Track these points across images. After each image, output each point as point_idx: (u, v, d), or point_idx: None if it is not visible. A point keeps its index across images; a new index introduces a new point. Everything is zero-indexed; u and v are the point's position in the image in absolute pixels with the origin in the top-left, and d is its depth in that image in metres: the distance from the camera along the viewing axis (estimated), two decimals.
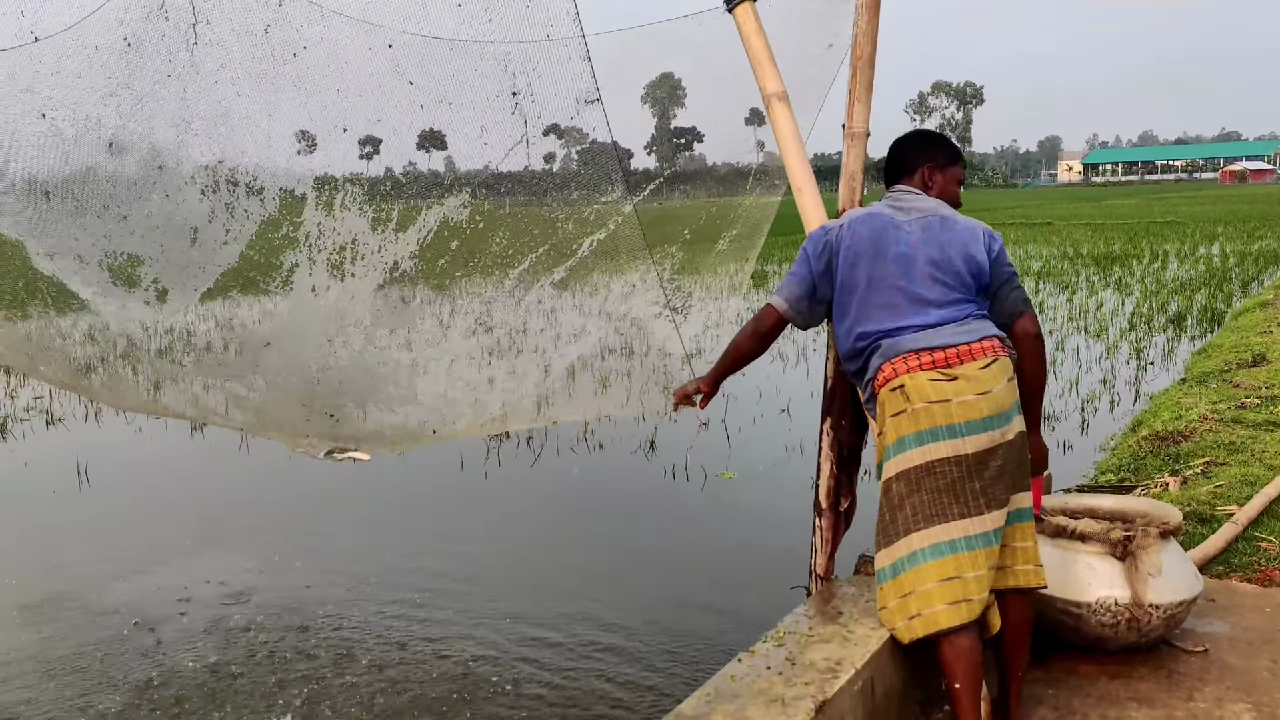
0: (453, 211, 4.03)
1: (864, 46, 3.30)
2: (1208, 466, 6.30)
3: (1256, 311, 13.34)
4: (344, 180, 4.11)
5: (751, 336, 3.35)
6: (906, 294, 3.06)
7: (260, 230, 3.97)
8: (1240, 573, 4.52)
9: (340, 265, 4.08)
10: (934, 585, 2.93)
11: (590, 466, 8.20)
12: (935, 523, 2.96)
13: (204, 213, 4.04)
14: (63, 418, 10.25)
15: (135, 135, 3.99)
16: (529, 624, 5.28)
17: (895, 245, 3.10)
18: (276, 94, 3.85)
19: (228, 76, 3.81)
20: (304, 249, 4.02)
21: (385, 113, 3.95)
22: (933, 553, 2.95)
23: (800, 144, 3.48)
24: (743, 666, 2.84)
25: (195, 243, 4.12)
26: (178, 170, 4.06)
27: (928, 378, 2.97)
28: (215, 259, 4.13)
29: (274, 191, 3.95)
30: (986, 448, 2.97)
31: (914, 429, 2.98)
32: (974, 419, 2.95)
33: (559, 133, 5.12)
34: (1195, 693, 3.33)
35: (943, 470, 2.96)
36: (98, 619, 5.45)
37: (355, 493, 7.79)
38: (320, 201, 3.98)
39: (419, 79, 3.82)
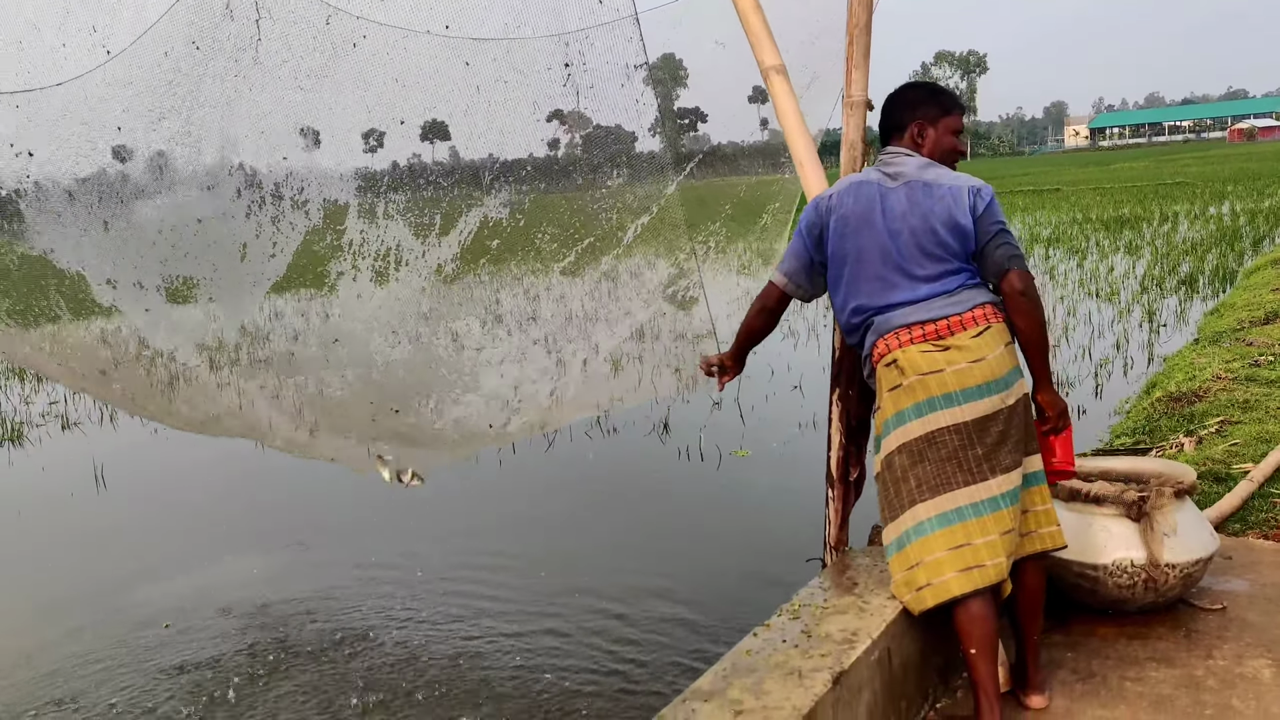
0: (495, 210, 4.06)
1: (860, 14, 3.28)
2: (1222, 425, 6.27)
3: (1268, 269, 13.26)
4: (390, 174, 4.15)
5: (760, 313, 3.36)
6: (895, 268, 3.03)
7: (322, 224, 3.99)
8: (1257, 529, 4.51)
9: (390, 262, 4.12)
10: (943, 554, 2.93)
11: (605, 450, 8.22)
12: (940, 492, 2.95)
13: (251, 229, 4.06)
14: (79, 421, 10.31)
15: (182, 152, 4.02)
16: (547, 605, 5.32)
17: (883, 216, 3.06)
18: (335, 90, 3.87)
19: (289, 72, 3.82)
20: (353, 250, 4.06)
21: (439, 102, 3.96)
22: (940, 522, 2.94)
23: (800, 118, 3.47)
24: (758, 640, 2.84)
25: (244, 259, 4.15)
26: (228, 182, 4.09)
27: (919, 350, 2.96)
28: (265, 271, 4.16)
29: (318, 193, 3.98)
30: (986, 414, 2.95)
31: (912, 401, 2.98)
32: (970, 386, 2.94)
33: (561, 118, 5.11)
34: (1214, 650, 3.32)
35: (944, 440, 2.95)
36: (129, 623, 5.45)
37: (372, 488, 7.81)
38: (377, 198, 4.03)
39: (474, 60, 3.83)
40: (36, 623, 5.56)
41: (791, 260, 3.25)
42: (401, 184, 4.14)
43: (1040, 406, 3.10)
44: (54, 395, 11.64)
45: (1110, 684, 3.17)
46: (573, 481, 7.62)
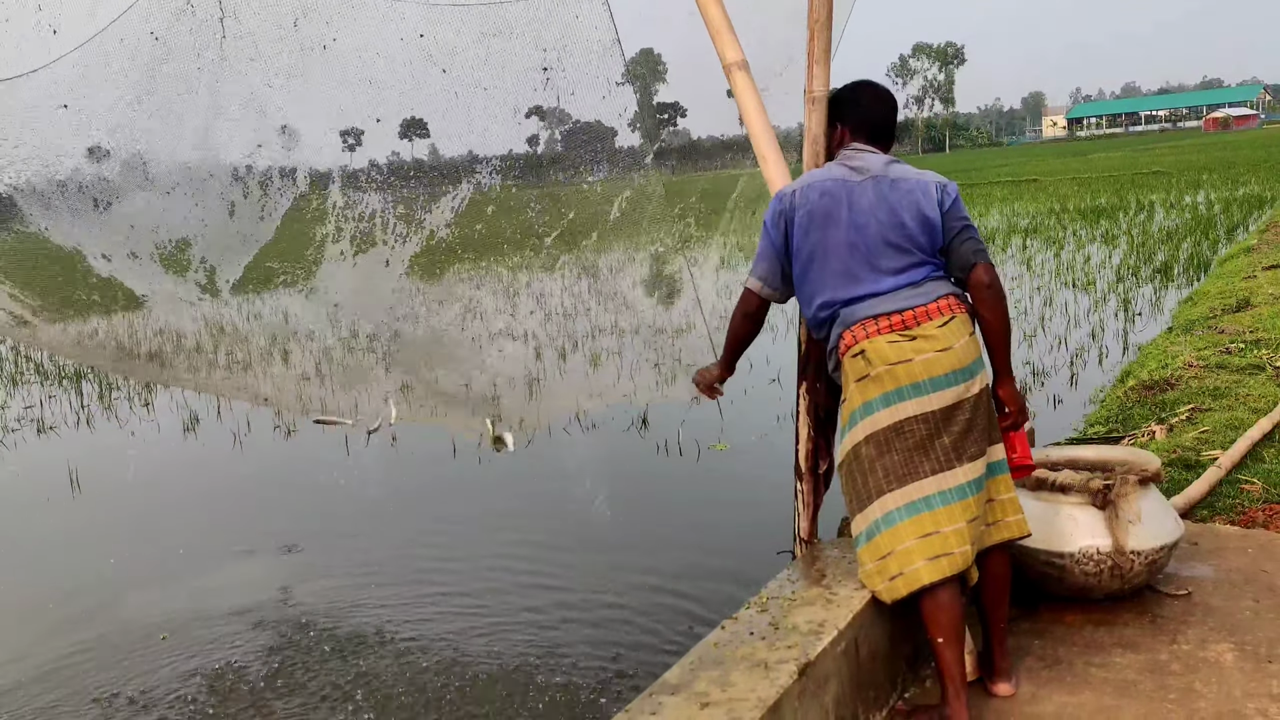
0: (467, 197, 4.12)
1: (820, 10, 3.29)
2: (1193, 413, 6.33)
3: (1241, 257, 13.37)
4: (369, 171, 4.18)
5: (743, 320, 3.38)
6: (861, 261, 3.05)
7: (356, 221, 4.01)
8: (1225, 515, 4.56)
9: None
10: (913, 543, 2.95)
11: (584, 446, 8.23)
12: (908, 481, 2.98)
13: (239, 194, 4.09)
14: (54, 425, 10.25)
15: (161, 134, 4.02)
16: (525, 599, 5.33)
17: (849, 210, 3.08)
18: (306, 88, 3.87)
19: (259, 70, 3.83)
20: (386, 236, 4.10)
21: (419, 103, 3.97)
22: (908, 511, 2.97)
23: (763, 113, 3.48)
24: (726, 633, 2.86)
25: (233, 216, 4.17)
26: (212, 161, 4.11)
27: (886, 340, 2.98)
28: (255, 234, 4.17)
29: (304, 175, 4.01)
30: (952, 403, 2.98)
31: (880, 391, 3.00)
32: (938, 375, 2.96)
33: (541, 114, 5.12)
34: (1179, 635, 3.36)
35: (911, 429, 2.97)
36: (125, 636, 5.32)
37: (352, 484, 7.82)
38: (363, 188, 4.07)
39: (452, 67, 3.84)
40: (26, 638, 5.44)
41: (763, 264, 3.25)
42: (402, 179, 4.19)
43: (1000, 400, 3.12)
44: (29, 400, 11.57)
45: (1076, 670, 3.21)
46: (552, 477, 7.63)
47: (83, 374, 12.74)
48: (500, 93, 4.02)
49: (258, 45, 3.82)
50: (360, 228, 4.15)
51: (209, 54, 3.73)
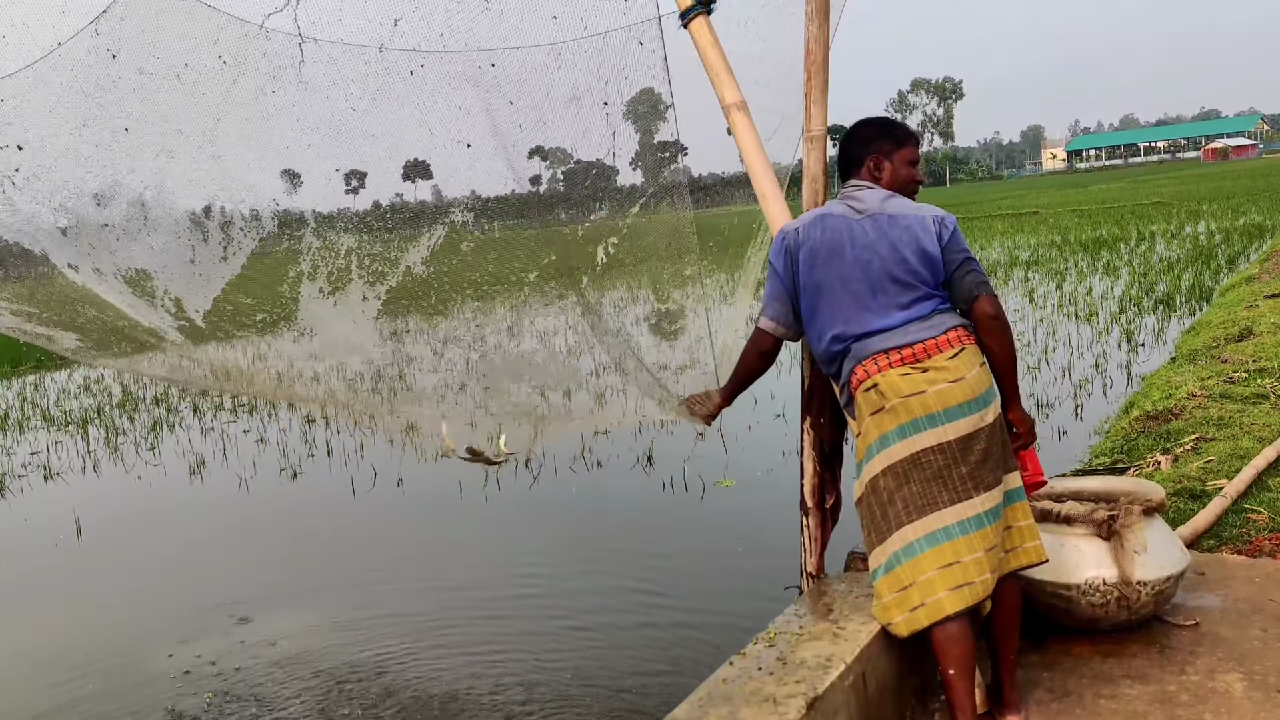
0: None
1: (816, 51, 3.36)
2: (1197, 443, 6.33)
3: (1243, 286, 13.40)
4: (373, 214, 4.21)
5: (756, 359, 3.41)
6: (869, 296, 3.10)
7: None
8: (1231, 545, 4.56)
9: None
10: (935, 573, 2.96)
11: (590, 484, 8.23)
12: (927, 512, 2.99)
13: (215, 234, 4.08)
14: (61, 471, 10.28)
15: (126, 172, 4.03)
16: (529, 635, 5.34)
17: (852, 246, 3.13)
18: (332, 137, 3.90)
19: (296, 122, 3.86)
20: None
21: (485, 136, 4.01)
22: (929, 542, 2.98)
23: (762, 152, 3.53)
24: (734, 669, 2.87)
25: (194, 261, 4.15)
26: (170, 202, 4.10)
27: (899, 373, 3.02)
28: (219, 272, 4.15)
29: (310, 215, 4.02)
30: (968, 433, 3.01)
31: (896, 424, 3.02)
32: (952, 405, 3.00)
33: (543, 154, 5.20)
34: (1188, 666, 3.36)
35: (929, 460, 3.00)
36: (137, 682, 5.29)
37: (356, 525, 7.82)
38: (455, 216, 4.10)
39: (517, 98, 3.88)
40: (38, 695, 5.34)
41: (775, 303, 3.29)
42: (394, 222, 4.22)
43: (1011, 423, 3.17)
44: (35, 445, 11.61)
45: (1085, 702, 3.20)
46: (557, 516, 7.63)
47: (88, 420, 12.79)
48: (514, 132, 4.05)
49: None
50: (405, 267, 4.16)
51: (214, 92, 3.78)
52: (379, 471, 9.03)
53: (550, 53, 3.89)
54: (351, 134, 3.81)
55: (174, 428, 11.97)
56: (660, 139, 4.22)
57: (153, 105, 3.82)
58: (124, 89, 3.75)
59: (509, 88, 3.93)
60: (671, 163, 4.46)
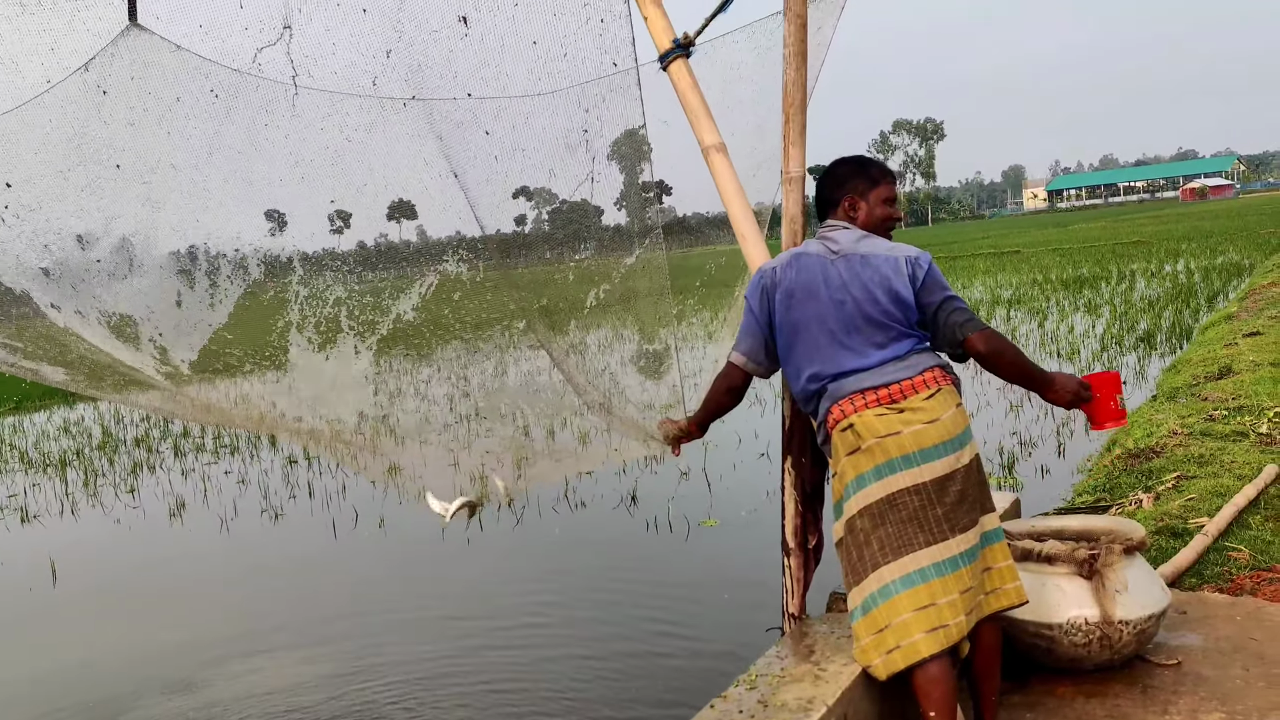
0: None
1: (795, 94, 3.39)
2: (1179, 480, 6.35)
3: (1222, 325, 13.52)
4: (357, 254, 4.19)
5: (725, 393, 3.41)
6: (844, 335, 3.11)
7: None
8: (1213, 583, 4.56)
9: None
10: (910, 615, 2.95)
11: (573, 525, 8.19)
12: (904, 553, 2.99)
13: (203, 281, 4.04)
14: (38, 514, 10.16)
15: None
16: (510, 684, 5.27)
17: (827, 286, 3.14)
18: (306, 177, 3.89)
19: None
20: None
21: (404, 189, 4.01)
22: (904, 583, 2.97)
23: (742, 193, 3.56)
24: (715, 713, 2.84)
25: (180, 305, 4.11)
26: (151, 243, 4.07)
27: (875, 414, 3.02)
28: (209, 319, 4.11)
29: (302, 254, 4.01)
30: (944, 474, 3.01)
31: (872, 464, 3.02)
32: (927, 446, 3.00)
33: (528, 194, 5.22)
34: (1170, 706, 3.35)
35: (904, 501, 2.99)
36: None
37: (339, 568, 7.76)
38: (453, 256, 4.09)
39: (494, 128, 3.88)
40: None
41: (747, 340, 3.30)
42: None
43: (1056, 400, 3.19)
44: (13, 488, 11.49)
45: None
46: (541, 557, 7.58)
47: (67, 462, 12.68)
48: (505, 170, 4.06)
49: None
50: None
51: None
52: (360, 513, 8.97)
53: (534, 100, 3.91)
54: (344, 169, 3.81)
55: (154, 469, 11.88)
56: (644, 179, 4.23)
57: (141, 143, 3.81)
58: (115, 127, 3.74)
59: (492, 125, 3.94)
60: (655, 203, 4.47)
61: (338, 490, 9.95)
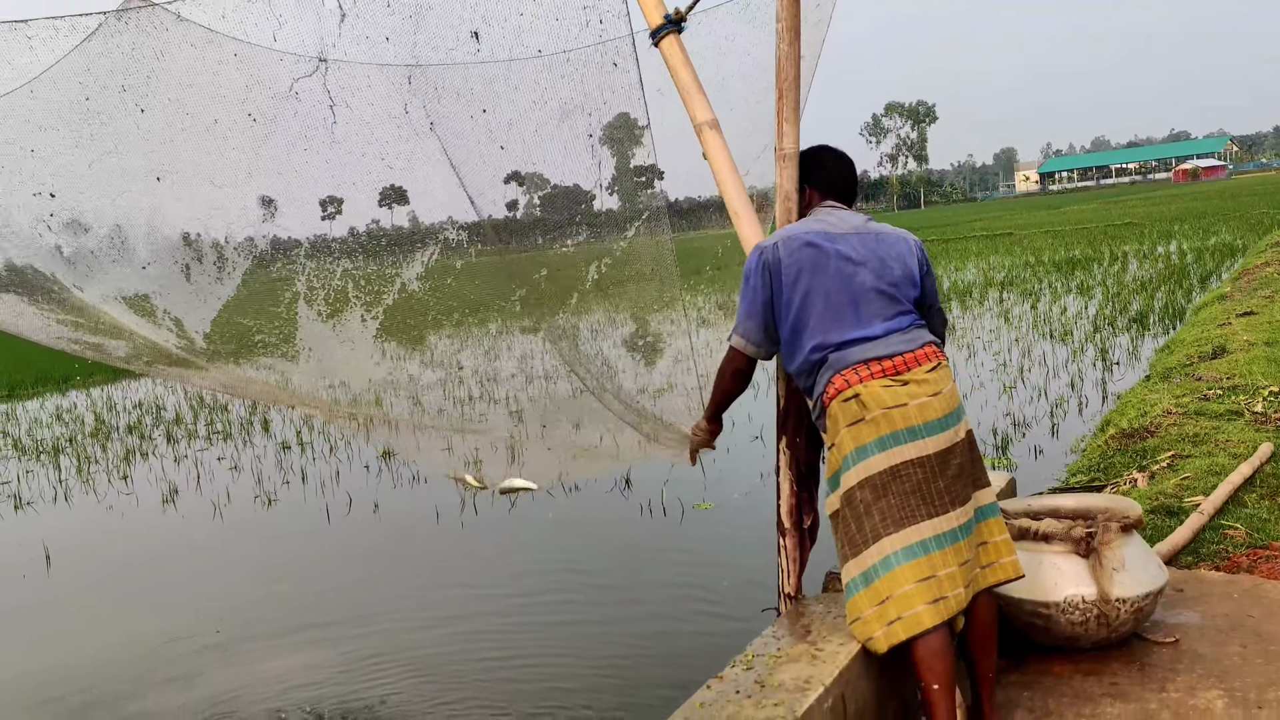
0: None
1: (788, 70, 3.35)
2: (1173, 460, 6.35)
3: (1215, 305, 13.52)
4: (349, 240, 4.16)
5: (732, 378, 3.39)
6: (850, 308, 3.12)
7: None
8: (1209, 561, 4.55)
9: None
10: (912, 586, 2.94)
11: (567, 508, 8.17)
12: (906, 525, 2.97)
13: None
14: (31, 501, 10.12)
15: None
16: (504, 664, 5.26)
17: (835, 259, 3.15)
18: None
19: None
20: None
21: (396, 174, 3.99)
22: (906, 555, 2.96)
23: (735, 170, 3.52)
24: (711, 693, 2.82)
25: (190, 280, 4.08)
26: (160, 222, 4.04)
27: (881, 385, 3.01)
28: (216, 293, 4.09)
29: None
30: (946, 447, 3.02)
31: (875, 435, 3.01)
32: (932, 419, 3.01)
33: (519, 179, 5.18)
34: (1168, 683, 3.34)
35: (908, 473, 2.99)
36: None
37: (334, 553, 7.73)
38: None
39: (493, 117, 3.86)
40: None
41: (748, 321, 3.27)
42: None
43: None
44: (6, 475, 11.44)
45: None
46: (536, 542, 7.56)
47: (60, 449, 12.62)
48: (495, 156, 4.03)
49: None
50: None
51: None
52: (354, 498, 8.94)
53: (535, 87, 3.87)
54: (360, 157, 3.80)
55: (147, 456, 11.83)
56: (636, 163, 4.20)
57: (149, 124, 3.77)
58: (133, 99, 3.70)
59: (488, 103, 3.90)
60: (648, 187, 4.44)
61: (331, 476, 9.91)
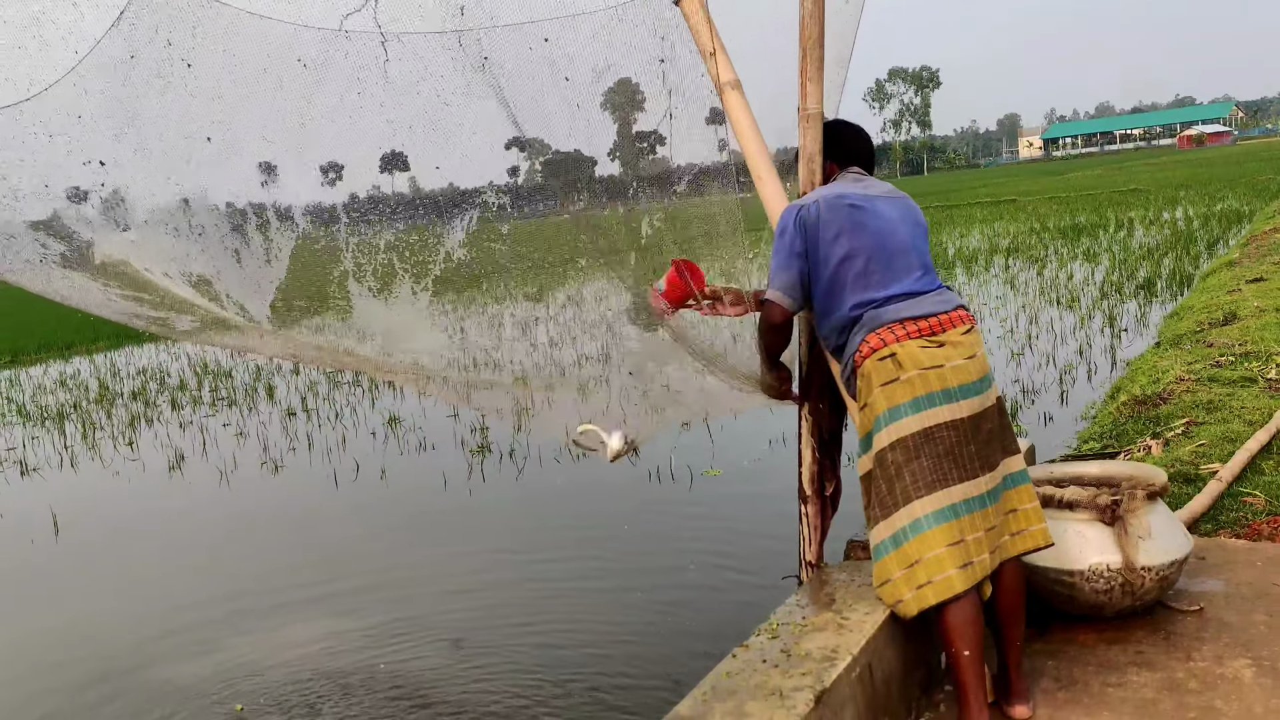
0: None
1: (811, 28, 3.27)
2: (1188, 427, 6.30)
3: (1224, 271, 13.44)
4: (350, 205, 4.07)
5: (772, 333, 3.31)
6: (888, 267, 3.09)
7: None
8: (1229, 529, 4.52)
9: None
10: (943, 550, 2.90)
11: (575, 475, 8.14)
12: (937, 488, 2.93)
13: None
14: (37, 467, 10.10)
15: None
16: (516, 637, 5.24)
17: (871, 218, 3.13)
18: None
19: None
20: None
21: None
22: (937, 518, 2.92)
23: (757, 132, 3.45)
24: (738, 662, 2.79)
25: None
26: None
27: (918, 345, 2.97)
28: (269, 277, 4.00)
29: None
30: (979, 410, 3.00)
31: (910, 396, 2.96)
32: (967, 383, 2.98)
33: (521, 145, 5.09)
34: (1194, 652, 3.31)
35: (942, 435, 2.94)
36: (149, 688, 5.05)
37: (344, 519, 7.71)
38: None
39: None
40: (39, 700, 5.11)
41: (784, 275, 3.18)
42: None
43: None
44: (11, 441, 11.42)
45: (1092, 690, 3.15)
46: (547, 508, 7.54)
47: (65, 415, 12.60)
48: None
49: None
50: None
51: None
52: (361, 464, 8.92)
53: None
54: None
55: (152, 422, 11.80)
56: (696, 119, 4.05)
57: (197, 82, 3.67)
58: (176, 74, 3.60)
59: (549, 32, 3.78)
60: (650, 154, 4.36)
61: (337, 442, 9.89)
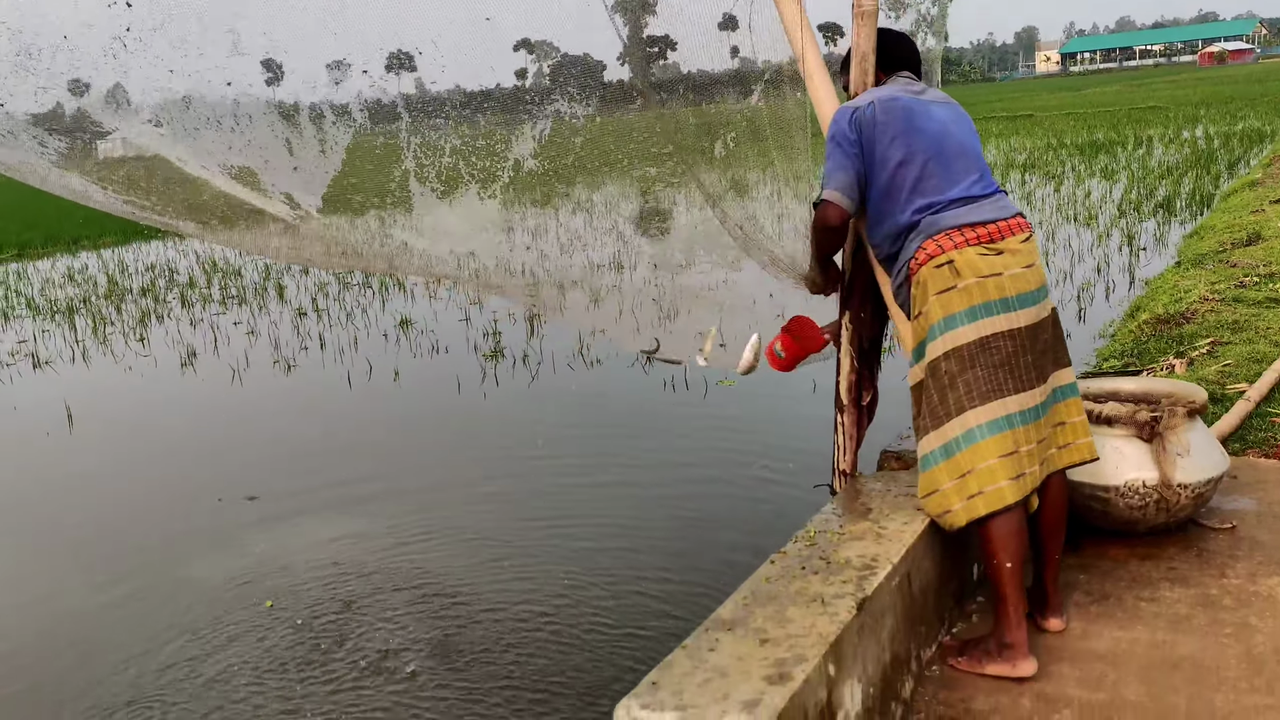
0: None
1: None
2: (1213, 346, 6.26)
3: (1246, 191, 13.25)
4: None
5: (826, 233, 3.20)
6: (944, 170, 2.99)
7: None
8: (1256, 448, 4.50)
9: None
10: (995, 461, 2.87)
11: (589, 382, 8.13)
12: (992, 398, 2.88)
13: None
14: (49, 360, 10.09)
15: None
16: (563, 535, 5.27)
17: (928, 121, 3.03)
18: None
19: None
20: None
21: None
22: (991, 429, 2.88)
23: (810, 28, 3.32)
24: (776, 568, 2.78)
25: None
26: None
27: (976, 252, 2.89)
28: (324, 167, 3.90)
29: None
30: (1036, 321, 2.93)
31: (966, 304, 2.89)
32: (1025, 292, 2.90)
33: (529, 47, 4.95)
34: (1227, 569, 3.30)
35: (998, 345, 2.89)
36: (179, 583, 5.08)
37: (361, 420, 7.72)
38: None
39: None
40: (72, 596, 5.14)
41: (840, 174, 3.08)
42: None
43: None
44: (22, 334, 11.40)
45: (1126, 605, 3.15)
46: (564, 413, 7.53)
47: (74, 309, 12.55)
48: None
49: None
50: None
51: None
52: (374, 365, 8.90)
53: None
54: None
55: (162, 319, 11.77)
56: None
57: None
58: None
59: None
60: (661, 58, 4.24)
61: (349, 343, 9.86)
